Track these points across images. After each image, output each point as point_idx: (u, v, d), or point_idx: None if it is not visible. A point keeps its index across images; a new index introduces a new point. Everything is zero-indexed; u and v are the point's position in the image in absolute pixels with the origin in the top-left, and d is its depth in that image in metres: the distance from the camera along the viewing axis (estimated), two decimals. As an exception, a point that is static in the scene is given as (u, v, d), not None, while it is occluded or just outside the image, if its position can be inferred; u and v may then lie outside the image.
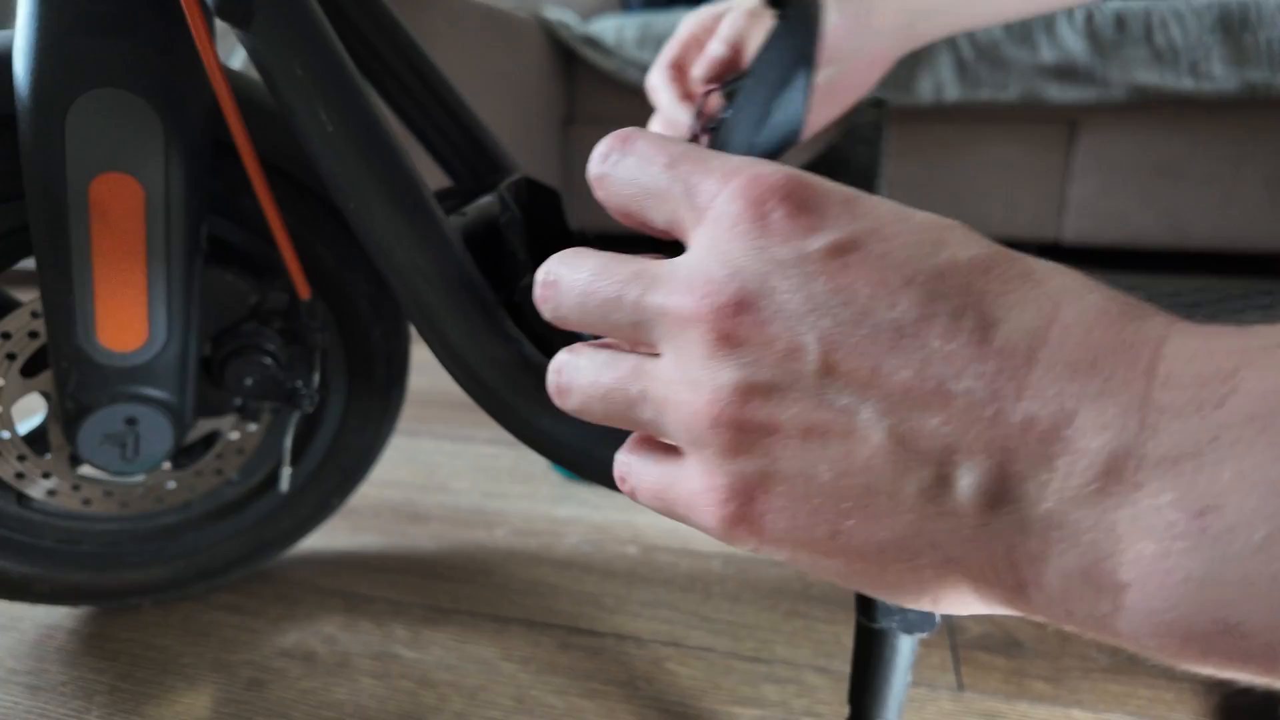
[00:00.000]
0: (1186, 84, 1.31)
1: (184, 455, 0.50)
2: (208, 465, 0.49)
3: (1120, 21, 1.33)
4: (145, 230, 0.38)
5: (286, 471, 0.50)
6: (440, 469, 0.76)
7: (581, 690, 0.46)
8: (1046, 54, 1.36)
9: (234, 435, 0.49)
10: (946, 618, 0.53)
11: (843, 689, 0.46)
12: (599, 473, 0.33)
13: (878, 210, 0.19)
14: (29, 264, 0.40)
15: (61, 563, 0.48)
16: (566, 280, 0.22)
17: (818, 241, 0.18)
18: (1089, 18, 1.34)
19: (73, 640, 0.50)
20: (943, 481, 0.17)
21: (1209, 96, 1.31)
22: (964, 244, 0.18)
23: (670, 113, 0.50)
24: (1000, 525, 0.16)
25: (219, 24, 0.34)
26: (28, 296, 0.42)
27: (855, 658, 0.36)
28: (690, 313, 0.19)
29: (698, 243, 0.20)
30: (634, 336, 0.21)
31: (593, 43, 1.58)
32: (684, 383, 0.20)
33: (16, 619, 0.52)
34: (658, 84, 0.51)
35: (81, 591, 0.50)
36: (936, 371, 0.17)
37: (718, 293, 0.19)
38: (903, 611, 0.33)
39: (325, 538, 0.62)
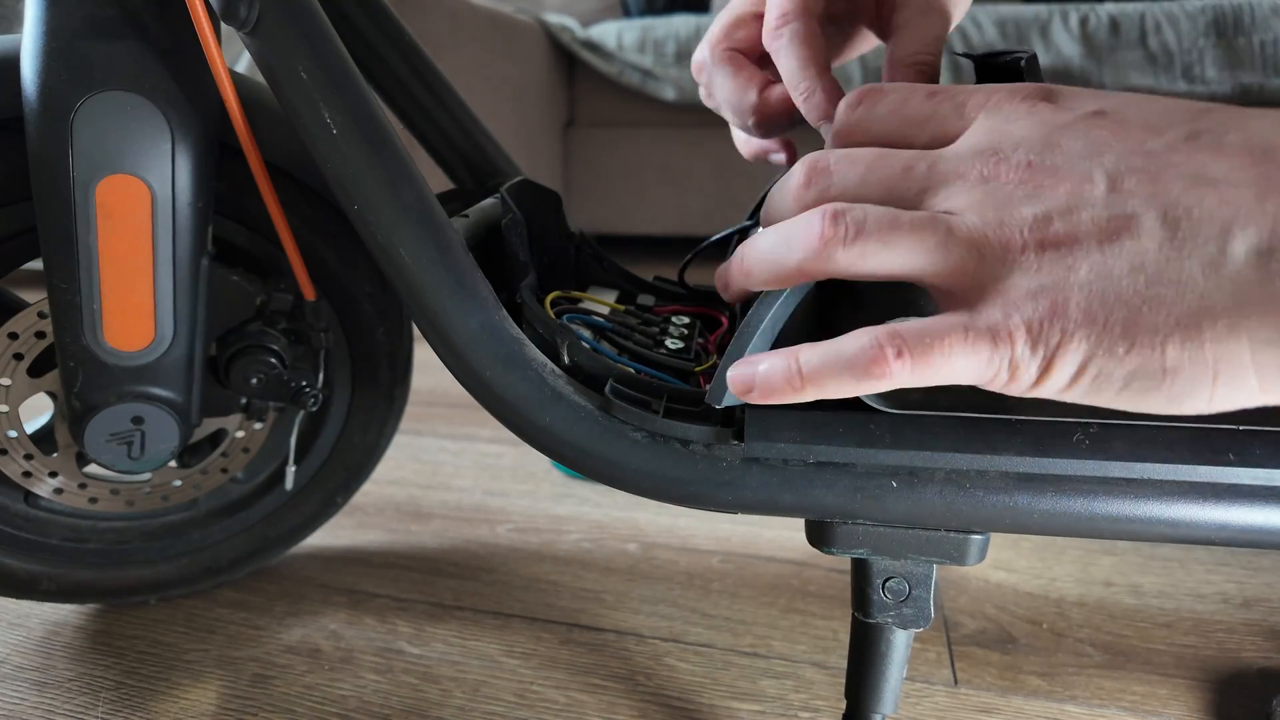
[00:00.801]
0: (1180, 87, 1.32)
1: (190, 454, 0.50)
2: (213, 464, 0.50)
3: (1114, 25, 1.34)
4: (152, 231, 0.39)
5: (291, 470, 0.51)
6: (443, 467, 0.76)
7: (582, 685, 0.47)
8: (1042, 58, 1.36)
9: (239, 434, 0.50)
10: (941, 614, 0.54)
11: (840, 684, 0.46)
12: (600, 471, 0.33)
13: (1119, 94, 0.24)
14: (36, 265, 0.41)
15: (68, 560, 0.49)
16: (843, 162, 0.25)
17: (1085, 107, 0.23)
18: (1084, 21, 1.35)
19: (79, 637, 0.50)
20: (1221, 252, 0.20)
21: (1203, 99, 1.32)
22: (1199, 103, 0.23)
23: (738, 104, 0.38)
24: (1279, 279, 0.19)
25: (224, 27, 0.35)
26: (35, 297, 0.43)
27: (851, 653, 0.36)
28: (988, 173, 0.23)
29: (975, 131, 0.24)
30: (918, 204, 0.24)
31: (593, 47, 1.59)
32: (985, 223, 0.23)
33: (24, 616, 0.52)
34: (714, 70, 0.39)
35: (88, 589, 0.50)
36: (1208, 173, 0.21)
37: (1010, 154, 0.23)
38: (898, 607, 0.33)
39: (329, 535, 0.63)
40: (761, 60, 0.39)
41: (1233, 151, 0.21)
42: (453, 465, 0.77)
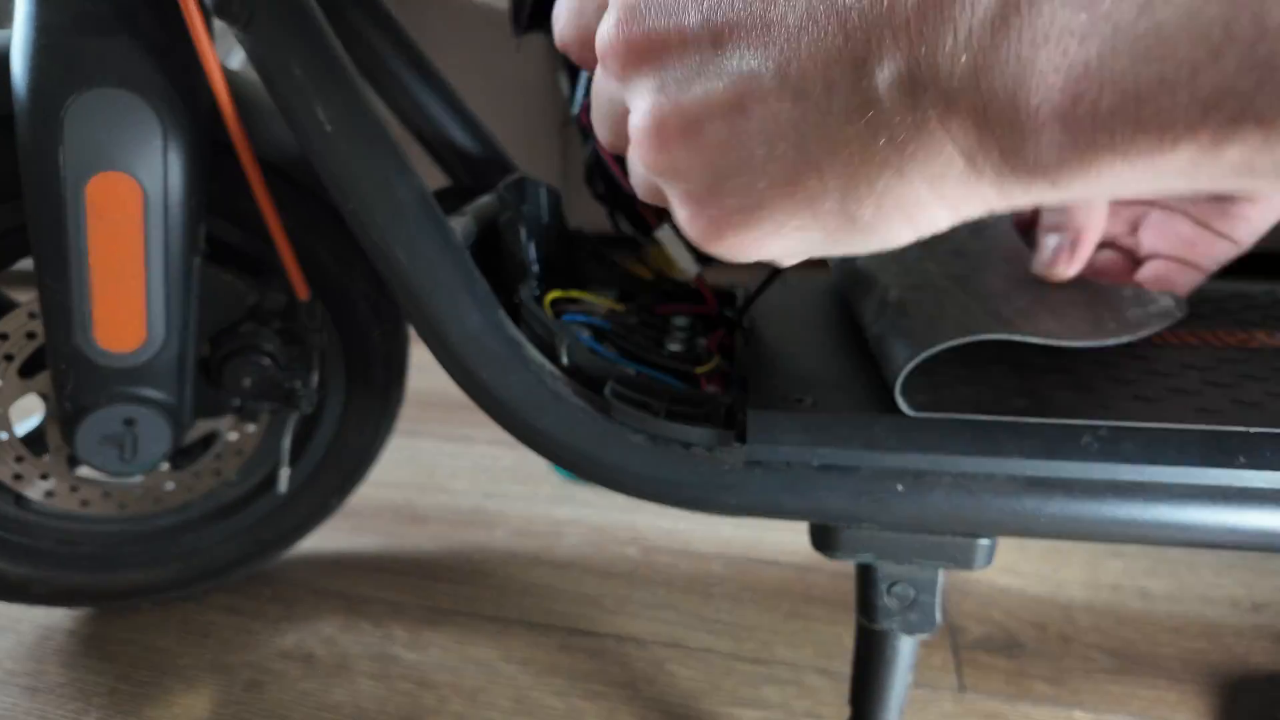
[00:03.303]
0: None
1: (182, 456, 0.50)
2: (206, 466, 0.49)
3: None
4: (143, 230, 0.38)
5: (285, 472, 0.50)
6: (440, 470, 0.76)
7: (582, 692, 0.46)
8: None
9: (232, 436, 0.49)
10: (947, 619, 0.53)
11: (844, 690, 0.45)
12: (599, 474, 0.33)
13: None
14: (26, 264, 0.40)
15: (60, 564, 0.48)
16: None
17: None
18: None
19: (71, 641, 0.50)
20: (865, 92, 0.17)
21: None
22: None
23: None
24: (927, 107, 0.17)
25: (218, 24, 0.35)
26: (25, 297, 0.42)
27: (856, 659, 0.36)
28: (602, 48, 0.21)
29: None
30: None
31: (592, 44, 1.59)
32: (635, 138, 0.21)
33: (15, 620, 0.52)
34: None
35: (80, 593, 0.50)
36: (836, 3, 0.17)
37: (608, 17, 0.21)
38: (903, 613, 0.33)
39: (324, 538, 0.62)
40: None
41: None
42: (450, 467, 0.76)
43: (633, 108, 0.22)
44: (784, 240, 0.21)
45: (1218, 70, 0.14)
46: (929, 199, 0.19)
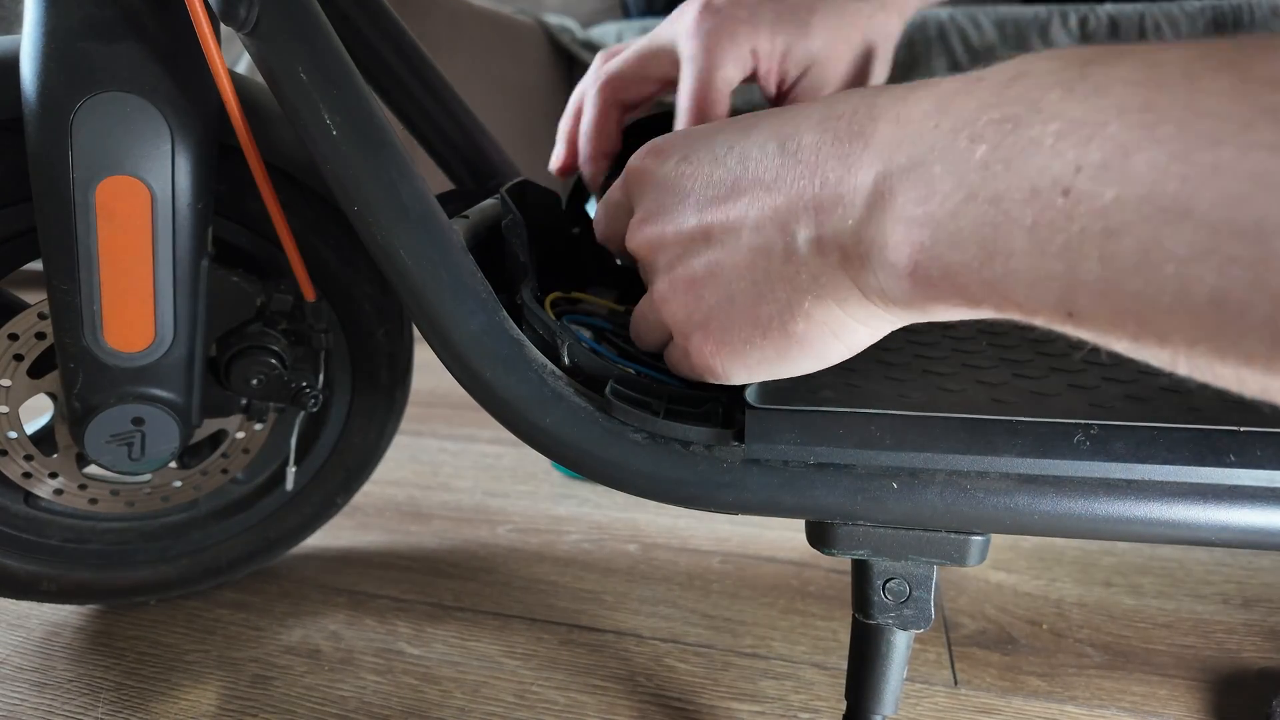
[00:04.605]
0: (1183, 85, 1.32)
1: (190, 455, 0.50)
2: (214, 464, 0.50)
3: (1114, 26, 1.34)
4: (152, 232, 0.39)
5: (291, 470, 0.51)
6: (443, 468, 0.76)
7: (582, 686, 0.47)
8: (1043, 57, 1.36)
9: (240, 435, 0.50)
10: (941, 614, 0.54)
11: (840, 685, 0.46)
12: (600, 472, 0.33)
13: (705, 131, 0.30)
14: (36, 266, 0.41)
15: (68, 561, 0.49)
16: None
17: (676, 155, 0.30)
18: (1083, 22, 1.35)
19: (79, 638, 0.50)
20: (789, 245, 0.26)
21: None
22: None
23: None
24: (833, 256, 0.25)
25: (224, 28, 0.35)
26: (35, 298, 0.42)
27: (852, 654, 0.36)
28: (634, 242, 0.32)
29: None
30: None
31: (593, 48, 1.59)
32: (651, 295, 0.32)
33: (24, 617, 0.52)
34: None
35: (88, 590, 0.50)
36: (759, 182, 0.26)
37: (641, 219, 0.31)
38: (898, 608, 0.33)
39: (330, 536, 0.63)
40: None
41: (773, 161, 0.26)
42: (453, 466, 0.77)
43: (653, 279, 0.31)
44: (751, 359, 0.29)
45: (991, 269, 0.20)
46: (842, 316, 0.26)
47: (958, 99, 0.21)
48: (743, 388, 0.33)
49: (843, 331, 0.27)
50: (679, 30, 0.40)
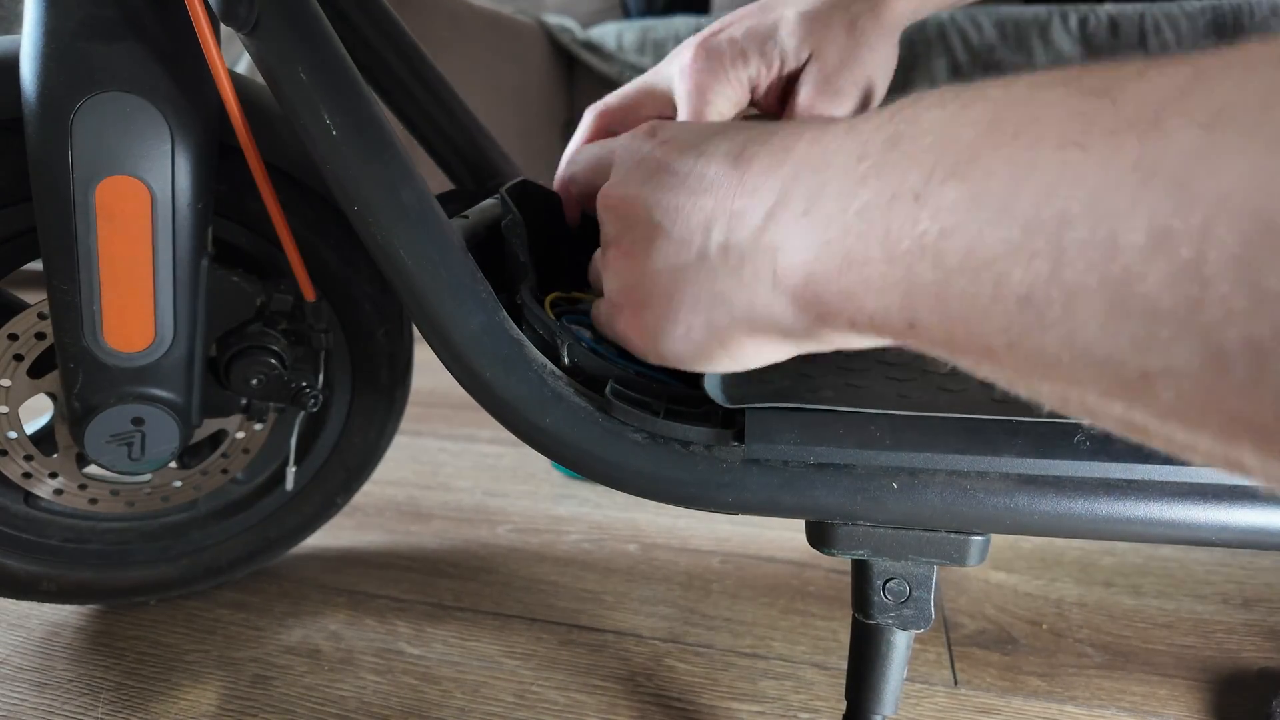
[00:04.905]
0: (1183, 85, 1.32)
1: (190, 455, 0.50)
2: (214, 464, 0.50)
3: (1114, 25, 1.34)
4: (152, 232, 0.39)
5: (291, 470, 0.51)
6: (443, 468, 0.76)
7: (582, 686, 0.47)
8: (1041, 58, 1.36)
9: (240, 435, 0.50)
10: (941, 614, 0.54)
11: (840, 685, 0.46)
12: (600, 472, 0.33)
13: (696, 124, 0.33)
14: (36, 266, 0.41)
15: (68, 561, 0.49)
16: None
17: (657, 138, 0.32)
18: (1083, 22, 1.35)
19: (79, 638, 0.50)
20: (704, 244, 0.27)
21: (1206, 97, 1.31)
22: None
23: None
24: (734, 263, 0.26)
25: (224, 28, 0.35)
26: (35, 298, 0.42)
27: (852, 654, 0.36)
28: (601, 200, 0.33)
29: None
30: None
31: (593, 48, 1.59)
32: (602, 250, 0.33)
33: (24, 616, 0.52)
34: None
35: (88, 589, 0.50)
36: (705, 181, 0.28)
37: (608, 190, 0.32)
38: (898, 608, 0.33)
39: (329, 536, 0.63)
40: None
41: (718, 160, 0.27)
42: (453, 466, 0.77)
43: (604, 240, 0.33)
44: (664, 346, 0.30)
45: (847, 277, 0.21)
46: (733, 328, 0.27)
47: (865, 122, 0.23)
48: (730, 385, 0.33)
49: (732, 344, 0.28)
50: (674, 70, 0.41)
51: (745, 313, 0.26)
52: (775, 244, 0.24)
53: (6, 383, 0.43)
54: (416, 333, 0.40)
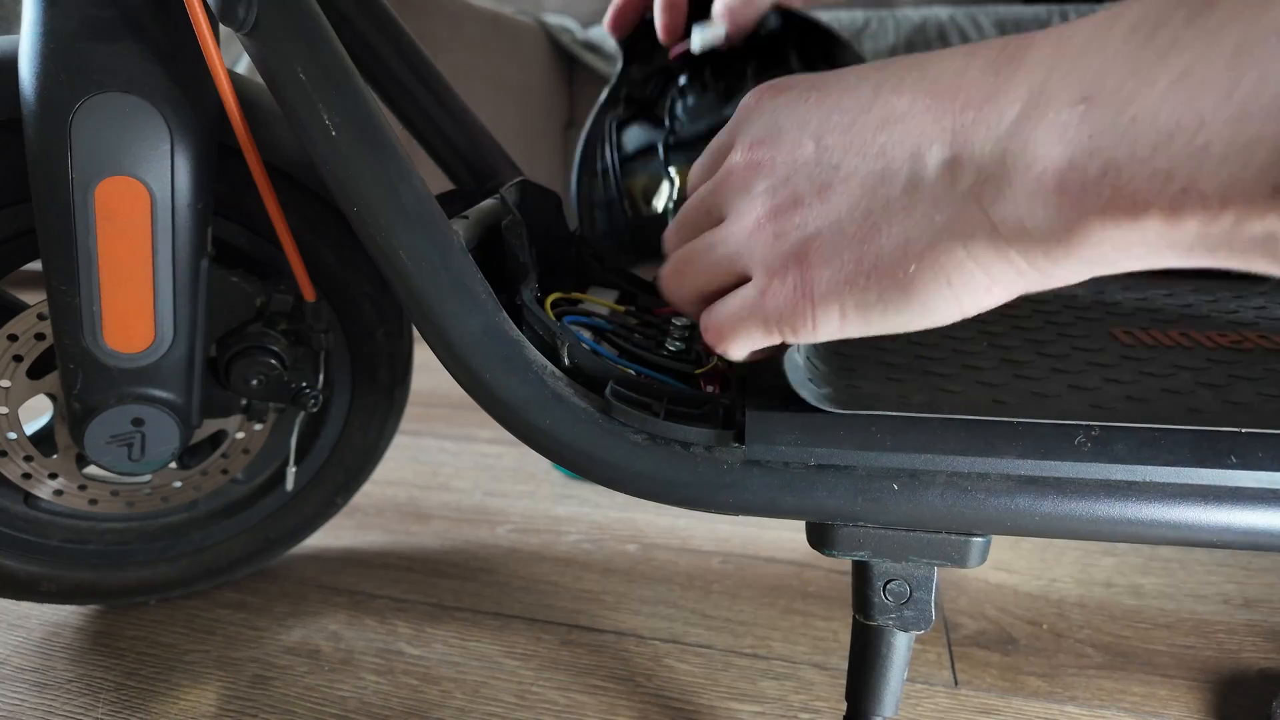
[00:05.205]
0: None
1: (190, 455, 0.50)
2: (214, 465, 0.50)
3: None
4: (152, 233, 0.38)
5: (291, 471, 0.51)
6: (443, 468, 0.76)
7: (582, 686, 0.47)
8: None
9: (240, 435, 0.50)
10: (942, 615, 0.54)
11: (840, 685, 0.46)
12: (600, 473, 0.33)
13: (833, 72, 0.28)
14: (36, 266, 0.41)
15: (68, 561, 0.49)
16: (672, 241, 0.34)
17: (799, 87, 0.28)
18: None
19: (79, 638, 0.50)
20: (916, 172, 0.24)
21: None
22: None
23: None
24: (966, 181, 0.23)
25: (223, 29, 0.35)
26: (34, 299, 0.42)
27: (852, 654, 0.36)
28: (731, 169, 0.29)
29: (730, 134, 0.31)
30: (723, 216, 0.30)
31: (593, 48, 1.59)
32: (738, 221, 0.28)
33: (24, 617, 0.52)
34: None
35: (88, 590, 0.50)
36: (893, 112, 0.24)
37: (743, 144, 0.28)
38: (899, 609, 0.33)
39: (329, 536, 0.63)
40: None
41: (909, 89, 0.24)
42: (453, 466, 0.77)
43: (742, 206, 0.28)
44: (849, 304, 0.26)
45: (1169, 152, 0.18)
46: (964, 260, 0.23)
47: (1129, 9, 0.20)
48: (743, 388, 0.33)
49: (959, 280, 0.24)
50: None
51: (987, 234, 0.23)
52: (1035, 142, 0.21)
53: (6, 383, 0.43)
54: (416, 333, 0.40)
